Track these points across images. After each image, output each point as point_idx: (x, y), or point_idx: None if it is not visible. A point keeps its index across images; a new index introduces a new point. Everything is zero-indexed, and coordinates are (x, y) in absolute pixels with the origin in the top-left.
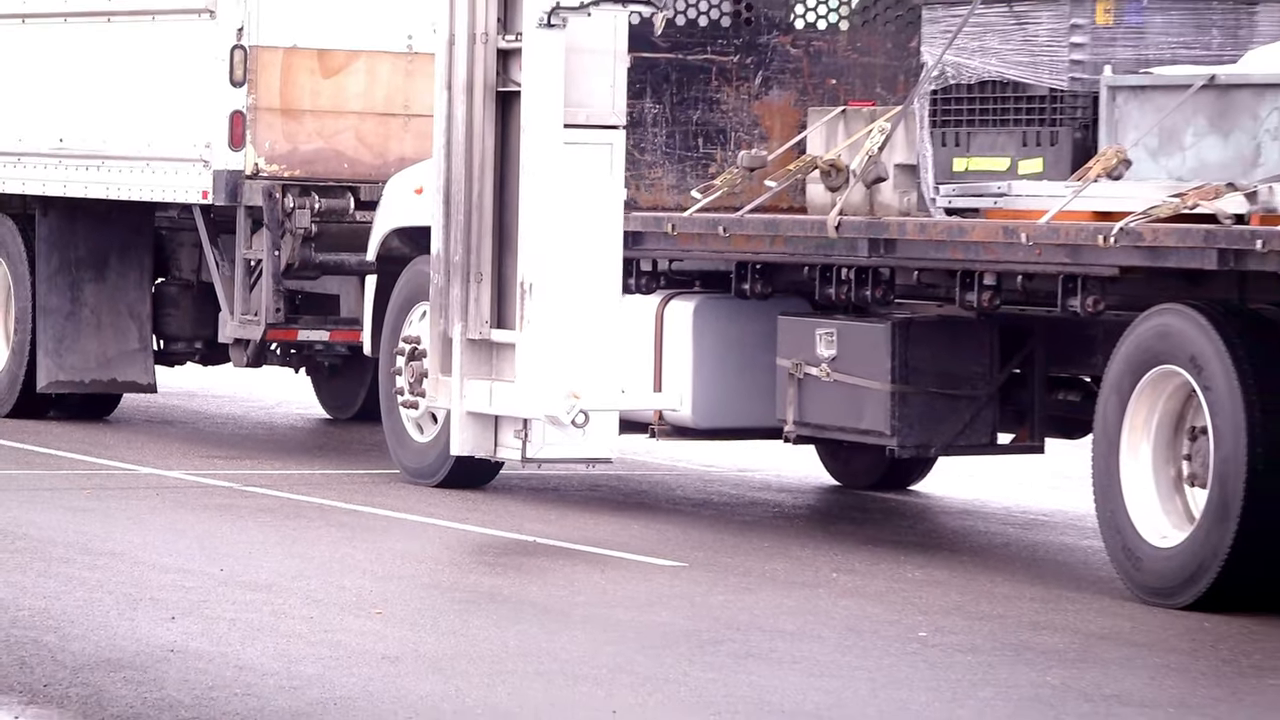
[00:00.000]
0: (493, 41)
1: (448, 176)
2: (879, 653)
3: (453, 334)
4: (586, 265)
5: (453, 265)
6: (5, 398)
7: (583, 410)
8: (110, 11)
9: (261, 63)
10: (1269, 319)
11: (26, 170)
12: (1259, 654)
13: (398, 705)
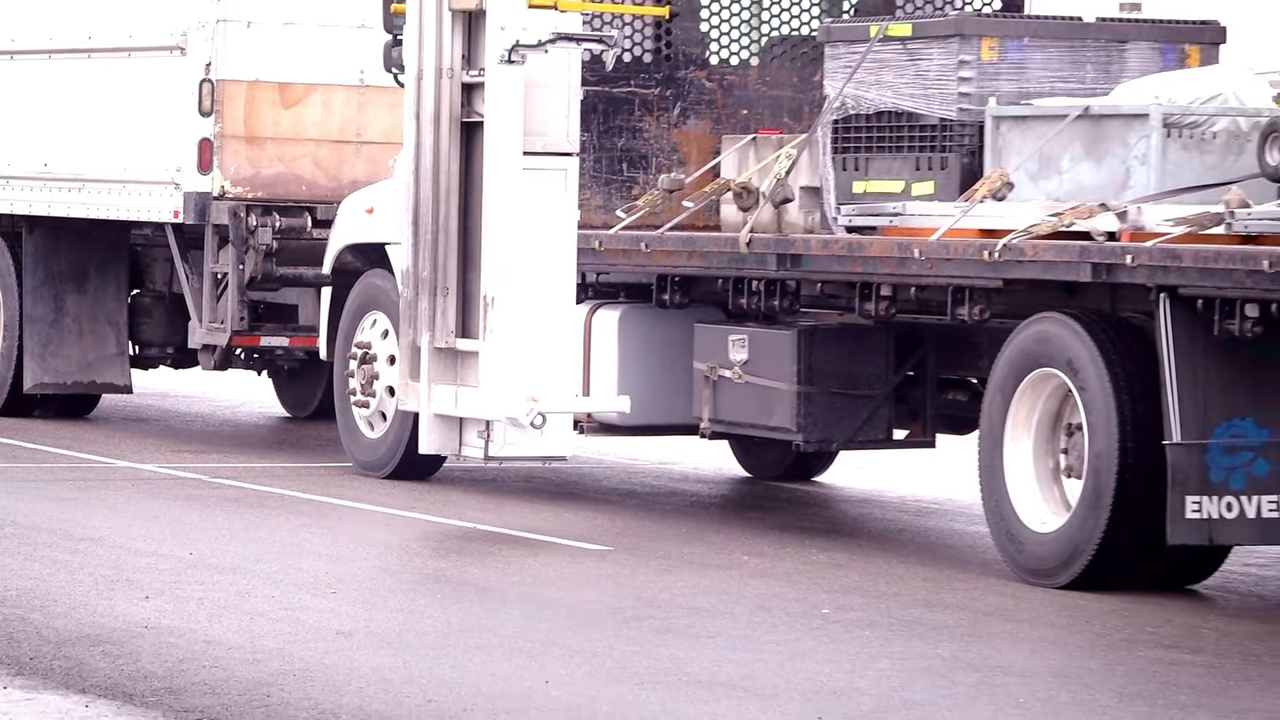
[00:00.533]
0: (458, 76)
1: (416, 199)
2: (786, 628)
3: (421, 343)
4: (543, 279)
5: (421, 280)
6: None
7: (541, 412)
8: (90, 49)
9: (227, 95)
10: (1137, 326)
11: (14, 192)
12: (1129, 629)
13: (351, 676)
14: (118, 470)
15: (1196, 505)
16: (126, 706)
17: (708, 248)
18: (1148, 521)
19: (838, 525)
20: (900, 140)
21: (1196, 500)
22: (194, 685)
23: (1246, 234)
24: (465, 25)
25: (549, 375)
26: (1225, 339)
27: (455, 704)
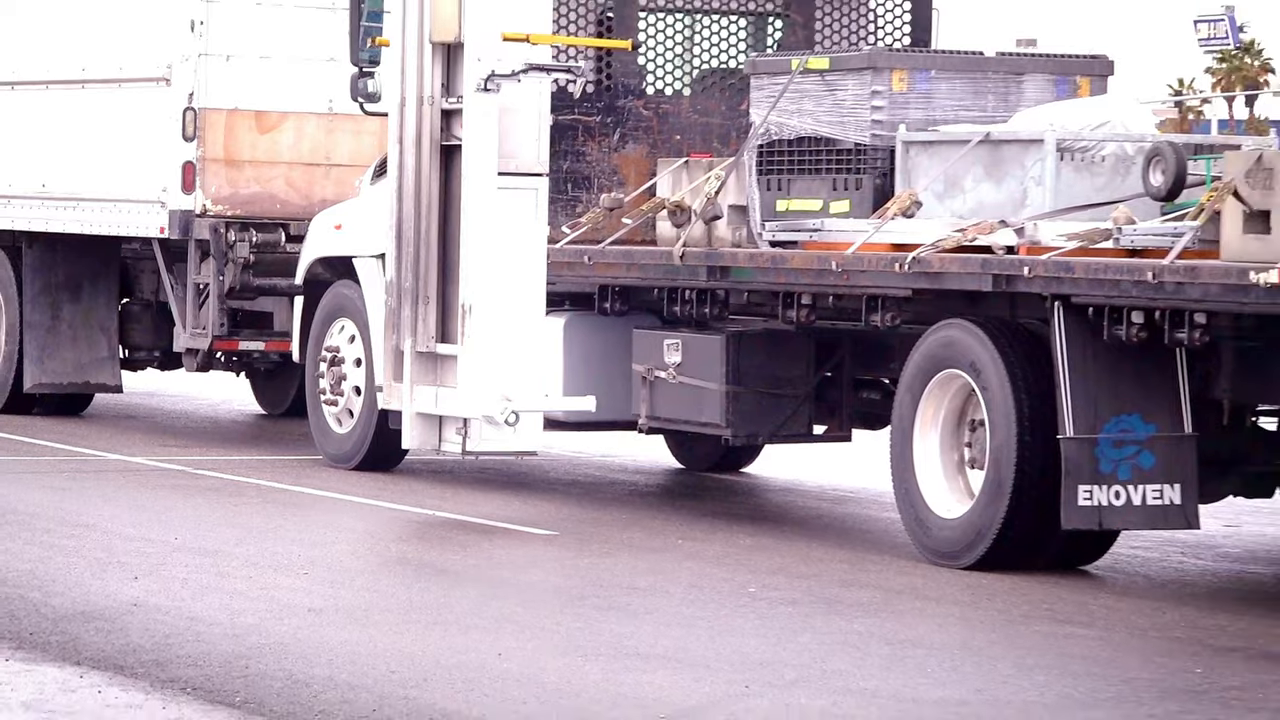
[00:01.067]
0: (437, 103)
1: (399, 216)
2: (716, 605)
3: (404, 347)
4: (516, 289)
5: (404, 290)
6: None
7: (514, 411)
8: (84, 80)
9: (208, 122)
10: (1034, 331)
11: (15, 210)
12: (1026, 605)
13: (321, 649)
14: (109, 463)
15: (1088, 494)
16: (118, 678)
17: (645, 260)
18: (1043, 508)
19: (763, 512)
20: (819, 163)
21: (1088, 489)
22: (179, 658)
23: (1132, 248)
24: (444, 56)
25: (521, 377)
26: (1113, 343)
27: (416, 674)
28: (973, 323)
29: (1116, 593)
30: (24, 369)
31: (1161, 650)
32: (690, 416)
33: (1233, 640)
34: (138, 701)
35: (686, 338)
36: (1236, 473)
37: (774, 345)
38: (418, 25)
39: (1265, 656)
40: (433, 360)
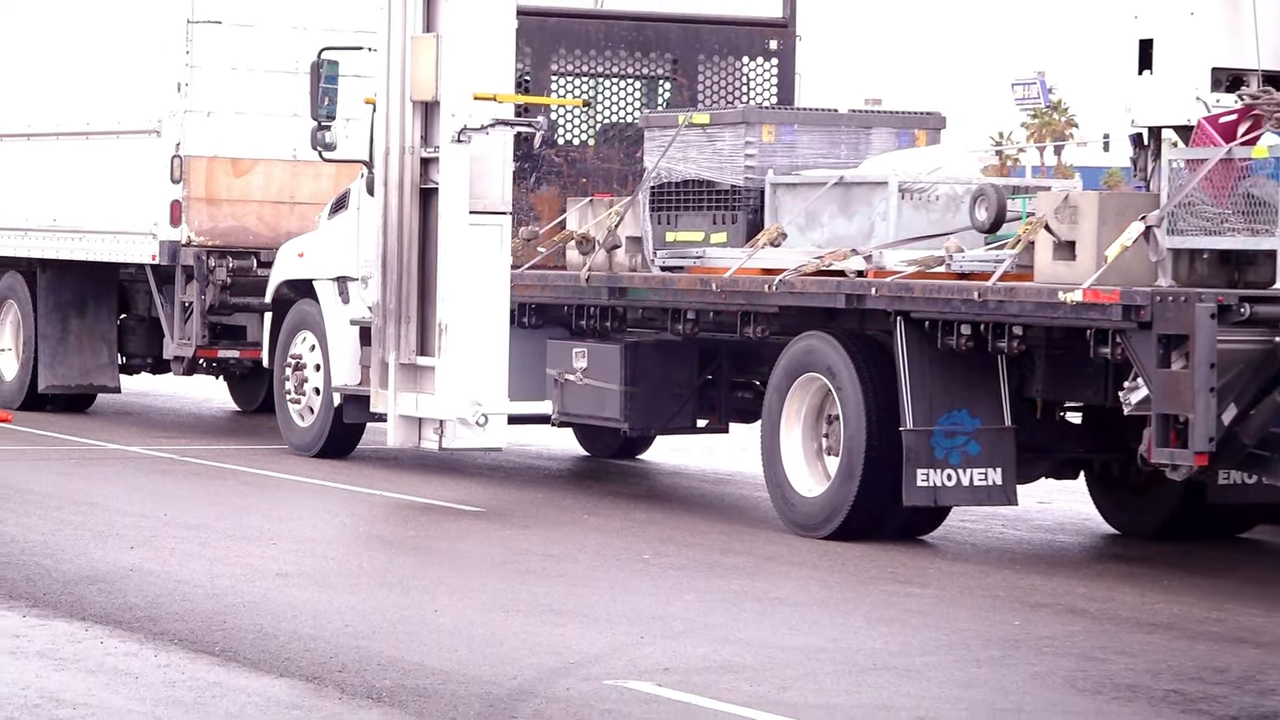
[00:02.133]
0: (417, 153)
1: (385, 248)
2: (617, 570)
3: (389, 360)
4: (485, 310)
5: (389, 311)
6: (16, 397)
7: (484, 413)
8: (88, 132)
9: (192, 167)
10: (880, 341)
11: (30, 241)
12: (874, 569)
13: (287, 607)
14: (109, 451)
15: (925, 476)
16: (117, 631)
17: (556, 283)
18: (888, 488)
19: (655, 492)
20: (701, 201)
21: (925, 472)
22: (168, 614)
23: (961, 272)
24: (423, 113)
25: (489, 384)
26: (946, 351)
27: (366, 627)
28: (829, 334)
29: (948, 558)
30: (38, 373)
31: (986, 606)
32: (594, 412)
33: (1044, 598)
34: (134, 650)
35: (591, 347)
36: (1048, 458)
37: (664, 353)
38: (400, 86)
39: (1071, 611)
40: (413, 370)
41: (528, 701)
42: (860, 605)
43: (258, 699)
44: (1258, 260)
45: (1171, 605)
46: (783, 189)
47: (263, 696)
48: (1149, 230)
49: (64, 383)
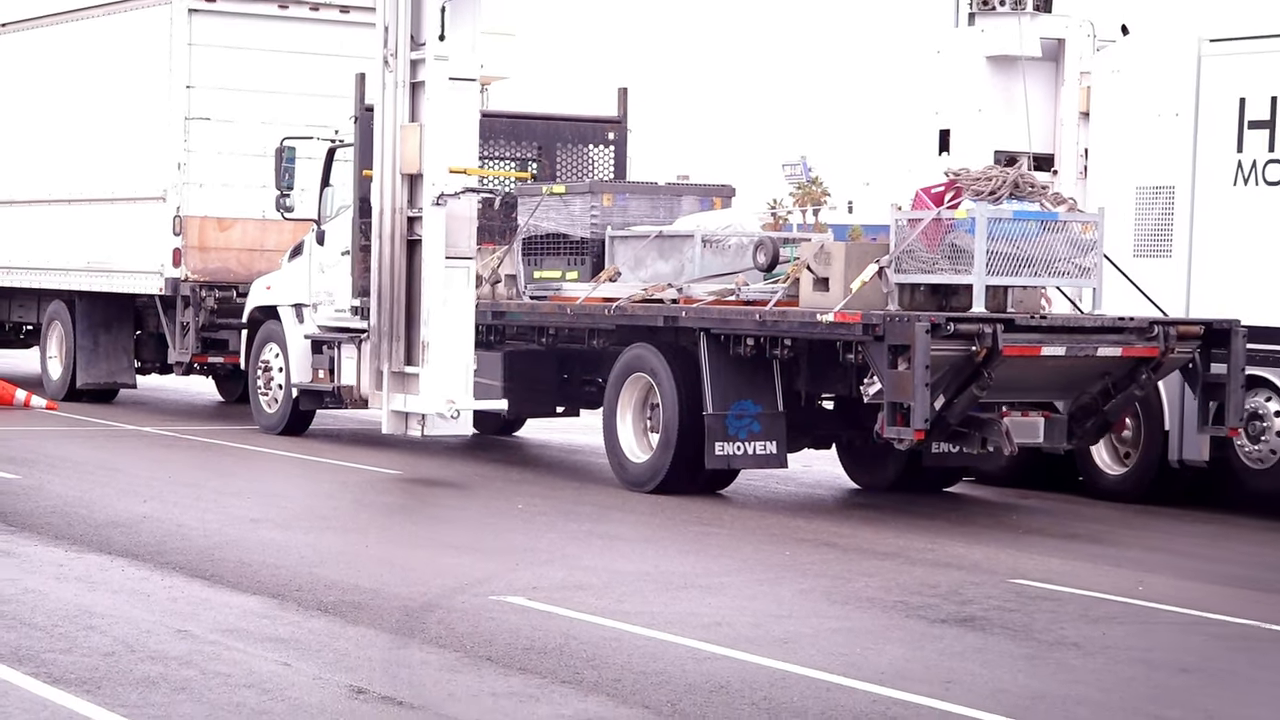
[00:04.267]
0: (404, 212)
1: (380, 284)
2: (499, 516)
3: (383, 369)
4: (456, 331)
5: (383, 332)
6: (61, 390)
7: (457, 409)
8: (113, 198)
9: (188, 224)
10: (689, 350)
11: (70, 278)
12: (685, 515)
13: (257, 544)
14: (128, 430)
15: (721, 447)
16: (134, 562)
17: None
18: (694, 456)
19: (526, 460)
20: (559, 249)
21: (721, 444)
22: (171, 549)
23: (747, 300)
24: (410, 182)
25: (460, 387)
26: (735, 357)
27: (316, 558)
28: (652, 345)
29: (738, 507)
30: (76, 373)
31: (765, 541)
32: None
33: (807, 535)
34: (146, 576)
35: (481, 354)
36: (809, 434)
37: (532, 359)
38: (392, 162)
39: (826, 544)
40: (401, 377)
41: (434, 612)
42: (675, 541)
43: (237, 610)
44: (959, 291)
45: (898, 540)
46: (618, 240)
47: (241, 609)
48: (882, 270)
49: (95, 381)
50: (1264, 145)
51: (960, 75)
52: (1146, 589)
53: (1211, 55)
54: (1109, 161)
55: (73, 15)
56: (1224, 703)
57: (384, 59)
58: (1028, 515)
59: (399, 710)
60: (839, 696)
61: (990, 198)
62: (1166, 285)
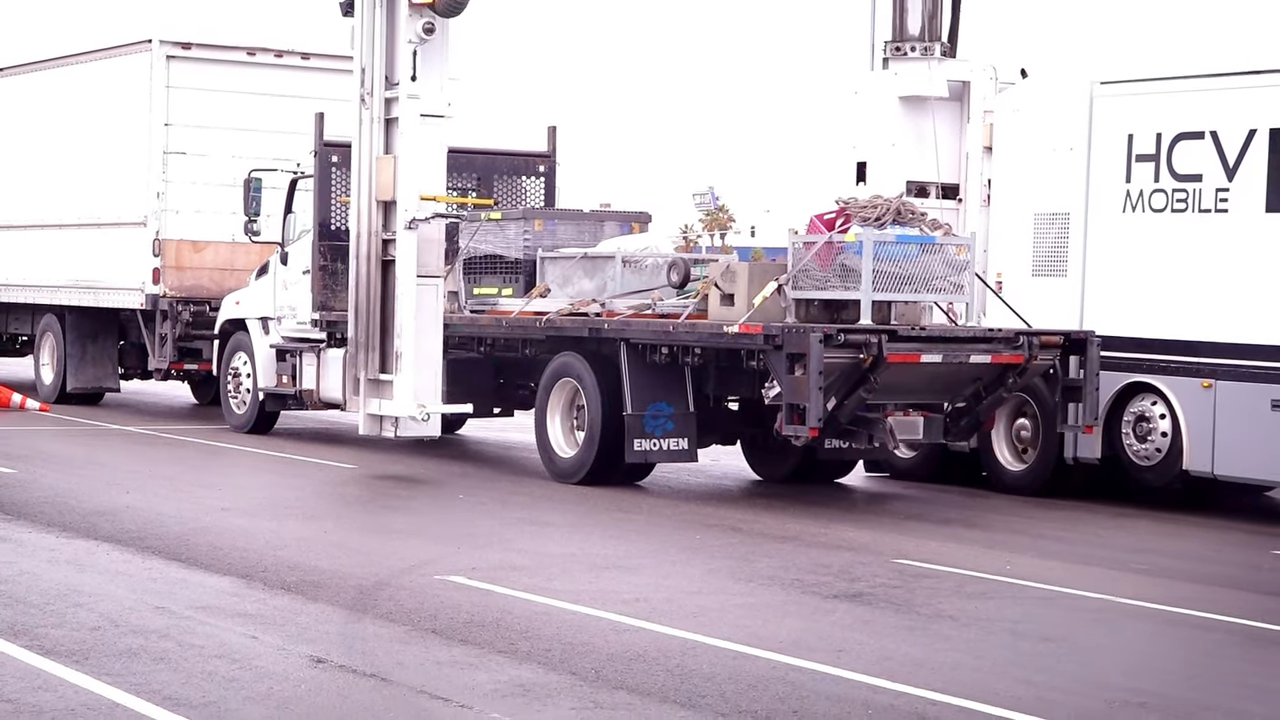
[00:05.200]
0: (379, 235)
1: (357, 300)
2: (443, 504)
3: (360, 376)
4: (426, 342)
5: (359, 343)
6: (53, 394)
7: (427, 413)
8: (100, 223)
9: (166, 246)
10: (611, 357)
11: (61, 294)
12: (607, 503)
13: (226, 529)
14: (113, 429)
15: (639, 444)
16: (118, 546)
17: None
18: (615, 452)
19: (467, 455)
20: (496, 269)
21: (639, 441)
22: (151, 535)
23: (662, 313)
24: (384, 208)
25: (429, 392)
26: (652, 364)
27: (279, 542)
28: (578, 353)
29: (654, 496)
30: (66, 378)
31: (679, 526)
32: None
33: (715, 520)
34: (128, 559)
35: None
36: (717, 432)
37: (472, 366)
38: (368, 190)
39: (732, 529)
40: (377, 383)
41: (384, 590)
42: (598, 527)
43: (209, 589)
44: (848, 306)
45: (795, 525)
46: (548, 260)
47: (213, 588)
48: (780, 287)
49: (83, 385)
50: (1150, 176)
51: (876, 113)
52: (1014, 568)
53: (1102, 96)
54: (1010, 191)
55: (64, 61)
56: (1082, 667)
57: (361, 97)
58: (910, 503)
59: (354, 677)
60: (743, 664)
61: (876, 223)
62: (1062, 302)
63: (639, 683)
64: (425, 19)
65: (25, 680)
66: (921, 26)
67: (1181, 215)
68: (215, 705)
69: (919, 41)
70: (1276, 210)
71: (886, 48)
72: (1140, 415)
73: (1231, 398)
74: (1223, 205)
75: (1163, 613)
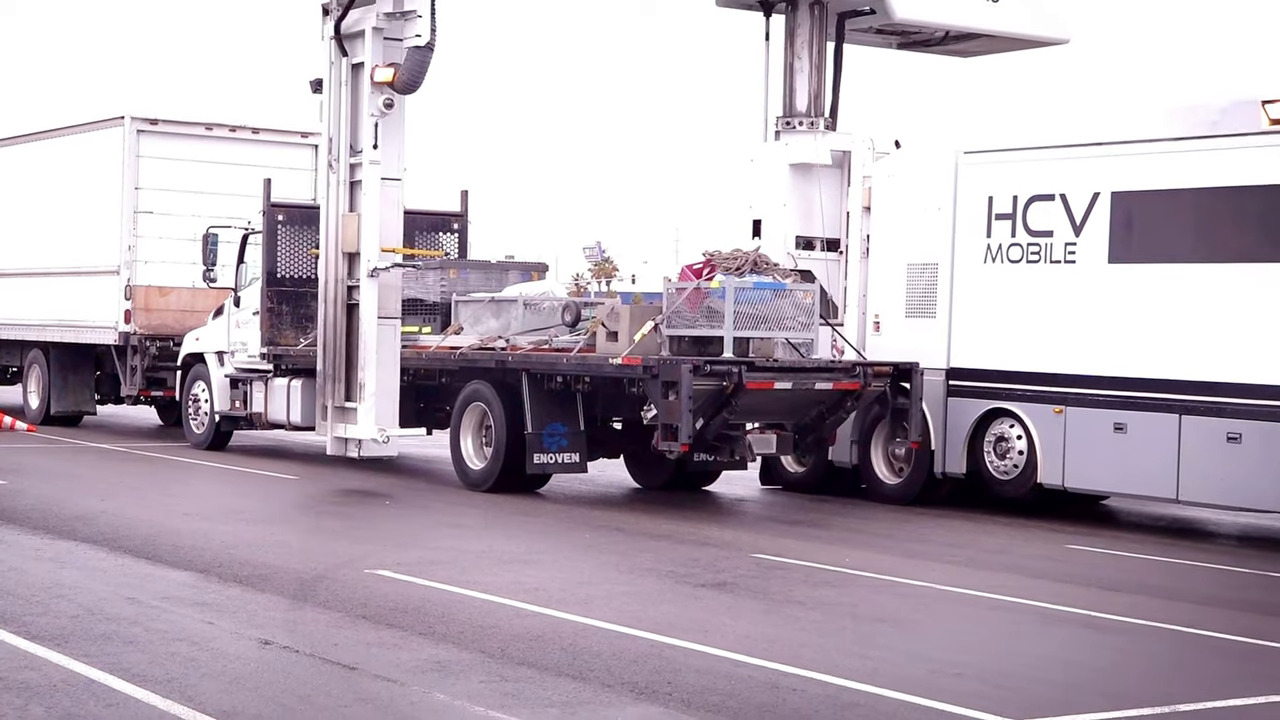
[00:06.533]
0: (344, 282)
1: (325, 338)
2: (371, 511)
3: (328, 403)
4: (386, 375)
5: (327, 375)
6: (39, 417)
7: (386, 435)
8: (77, 271)
9: (136, 291)
10: (514, 385)
11: (46, 332)
12: (511, 506)
13: (190, 532)
14: (90, 447)
15: (538, 458)
16: (95, 546)
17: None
18: (518, 464)
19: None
20: (417, 310)
21: (538, 455)
22: (123, 536)
23: (557, 348)
24: (349, 259)
25: (388, 417)
26: (549, 390)
27: (234, 543)
28: (487, 381)
29: (552, 501)
30: (50, 403)
31: (571, 527)
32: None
33: (602, 522)
34: (103, 557)
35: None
36: (604, 447)
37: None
38: (335, 243)
39: (617, 529)
40: (343, 410)
41: (322, 582)
42: (504, 527)
43: (174, 582)
44: (713, 342)
45: (669, 525)
46: (461, 303)
47: (176, 581)
48: (657, 326)
49: (65, 409)
50: (1007, 232)
51: (769, 178)
52: (851, 560)
53: (966, 164)
54: (886, 244)
55: (50, 134)
56: (908, 643)
57: (329, 163)
58: (765, 507)
59: (296, 656)
60: (626, 642)
61: (736, 272)
62: (932, 339)
63: (538, 659)
64: (385, 95)
65: (13, 661)
66: (808, 104)
67: (1035, 265)
68: (177, 681)
69: (806, 117)
70: (1117, 261)
71: (778, 121)
72: (1000, 436)
73: (1079, 421)
74: (1071, 257)
75: (974, 597)
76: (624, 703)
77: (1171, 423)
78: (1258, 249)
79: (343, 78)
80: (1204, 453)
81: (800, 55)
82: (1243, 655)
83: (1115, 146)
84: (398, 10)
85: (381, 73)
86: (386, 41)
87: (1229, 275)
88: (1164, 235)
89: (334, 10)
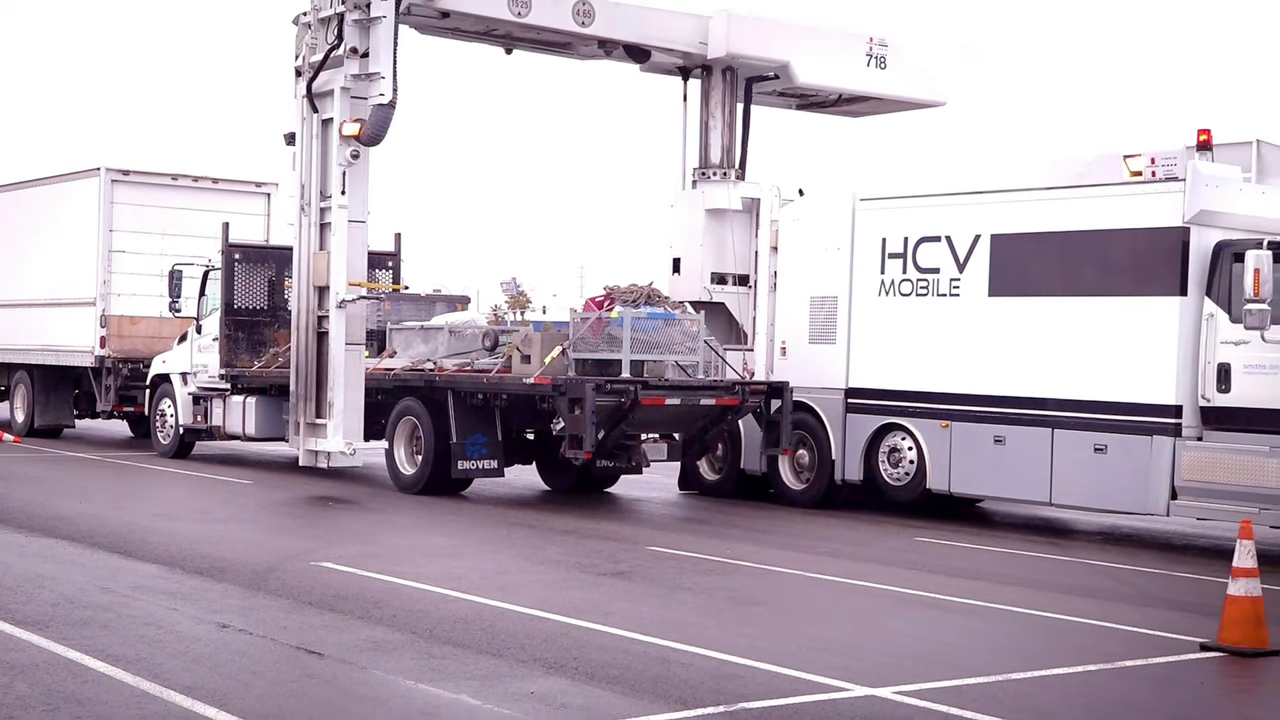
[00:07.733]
0: (315, 312)
1: (297, 362)
2: (316, 511)
3: (300, 420)
4: (352, 394)
5: (299, 395)
6: (24, 430)
7: (353, 448)
8: (59, 302)
9: (110, 320)
10: (441, 402)
11: (30, 355)
12: (439, 507)
13: (162, 532)
14: (68, 455)
15: (462, 464)
16: (76, 543)
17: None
18: (445, 470)
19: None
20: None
21: (462, 462)
22: (99, 533)
23: (479, 368)
24: (319, 291)
25: (354, 432)
26: (471, 406)
27: (197, 538)
28: (417, 397)
29: (475, 502)
30: (35, 418)
31: (492, 524)
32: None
33: (517, 519)
34: (81, 552)
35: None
36: (519, 455)
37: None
38: (307, 277)
39: (528, 526)
40: (313, 426)
41: (274, 573)
42: (435, 525)
43: (143, 574)
44: (613, 364)
45: (575, 522)
46: (394, 330)
47: (146, 573)
48: (564, 350)
49: (47, 423)
50: (899, 269)
51: (687, 221)
52: (732, 551)
53: (863, 209)
54: (792, 279)
55: (35, 183)
56: (781, 622)
57: (301, 206)
58: (659, 506)
59: (250, 638)
60: (539, 624)
61: (633, 304)
62: (833, 363)
63: (461, 639)
64: (352, 147)
65: (0, 644)
66: (721, 156)
67: (924, 299)
68: (146, 661)
69: (719, 168)
70: (996, 295)
71: (695, 172)
72: (893, 448)
73: (963, 434)
74: (955, 291)
75: (838, 583)
76: (536, 676)
77: (1045, 436)
78: (1120, 284)
79: (314, 132)
80: (1073, 462)
81: (714, 114)
82: (1067, 632)
83: (994, 194)
84: (363, 72)
85: (349, 127)
86: (353, 100)
87: (1095, 307)
88: (1037, 272)
89: (306, 72)
